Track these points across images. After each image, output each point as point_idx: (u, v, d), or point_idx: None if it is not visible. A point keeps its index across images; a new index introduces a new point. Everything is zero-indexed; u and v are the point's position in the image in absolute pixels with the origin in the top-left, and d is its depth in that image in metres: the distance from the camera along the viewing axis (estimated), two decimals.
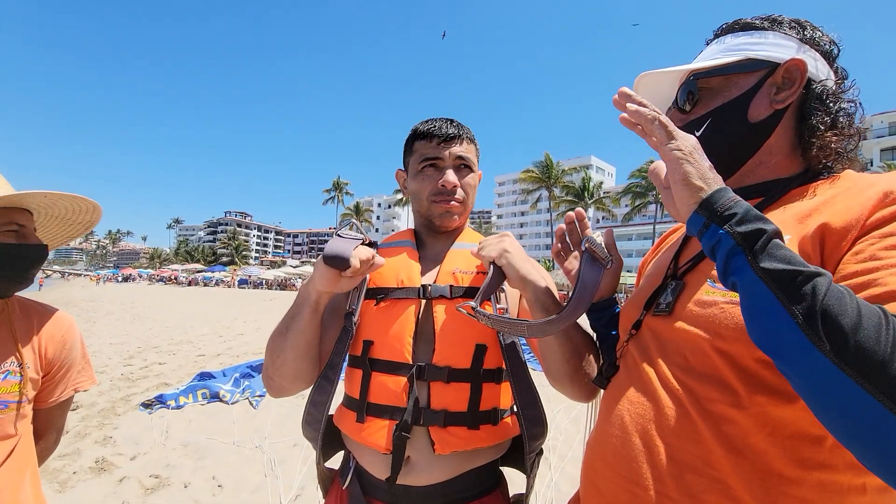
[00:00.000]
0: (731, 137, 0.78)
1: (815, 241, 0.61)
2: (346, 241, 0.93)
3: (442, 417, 0.94)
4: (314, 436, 1.04)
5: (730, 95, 0.78)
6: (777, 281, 0.50)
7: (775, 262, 0.50)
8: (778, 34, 0.77)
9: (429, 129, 1.08)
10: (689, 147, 0.63)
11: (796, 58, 0.74)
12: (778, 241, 0.53)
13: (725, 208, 0.57)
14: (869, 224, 0.59)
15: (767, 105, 0.75)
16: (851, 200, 0.62)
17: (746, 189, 0.78)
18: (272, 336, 1.00)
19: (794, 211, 0.69)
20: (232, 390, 4.93)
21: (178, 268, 59.48)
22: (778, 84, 0.75)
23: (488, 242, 0.98)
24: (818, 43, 0.76)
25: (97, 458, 3.32)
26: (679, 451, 0.66)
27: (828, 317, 0.46)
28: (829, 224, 0.61)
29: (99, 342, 8.50)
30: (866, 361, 0.44)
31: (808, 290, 0.48)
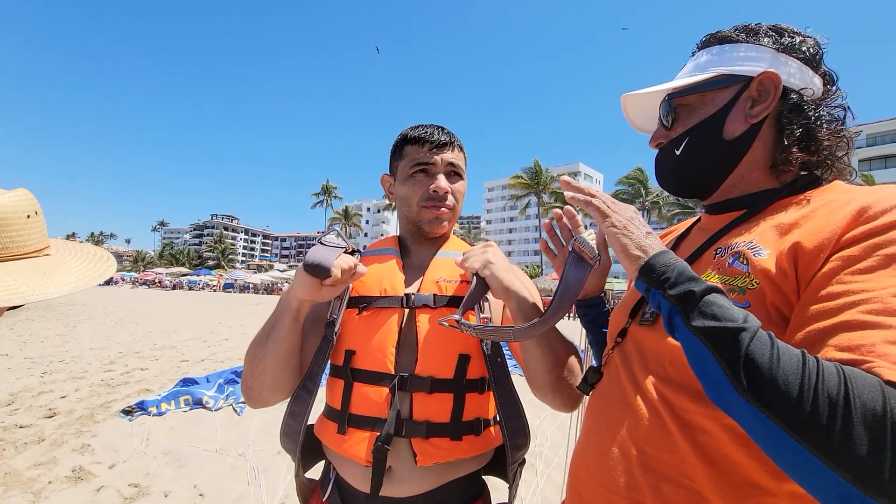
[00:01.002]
0: (708, 155, 0.78)
1: (790, 258, 0.62)
2: (329, 249, 0.93)
3: (424, 429, 0.94)
4: (292, 448, 1.02)
5: (705, 113, 0.78)
6: (707, 336, 0.54)
7: (705, 319, 0.55)
8: (752, 45, 0.76)
9: (420, 134, 1.08)
10: (624, 220, 0.70)
11: (768, 70, 0.73)
12: (709, 297, 0.57)
13: (660, 274, 0.62)
14: (842, 243, 0.59)
15: (743, 120, 0.75)
16: (827, 218, 0.62)
17: (731, 201, 0.79)
18: (252, 345, 0.99)
19: (776, 223, 0.69)
20: (215, 396, 4.85)
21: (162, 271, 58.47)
22: (753, 97, 0.75)
23: (472, 253, 0.99)
24: (797, 49, 0.74)
25: (74, 467, 3.23)
26: (656, 460, 0.67)
27: (749, 365, 0.50)
28: (802, 244, 0.61)
29: (79, 347, 8.31)
30: (781, 403, 0.48)
31: (732, 342, 0.52)
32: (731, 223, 0.76)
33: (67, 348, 8.16)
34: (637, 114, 0.92)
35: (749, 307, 0.62)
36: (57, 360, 7.07)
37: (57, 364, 6.75)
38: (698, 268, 0.74)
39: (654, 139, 0.87)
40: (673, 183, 0.85)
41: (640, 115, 0.92)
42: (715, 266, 0.71)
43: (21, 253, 0.93)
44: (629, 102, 0.90)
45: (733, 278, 0.66)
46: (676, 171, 0.83)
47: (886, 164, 41.75)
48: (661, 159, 0.86)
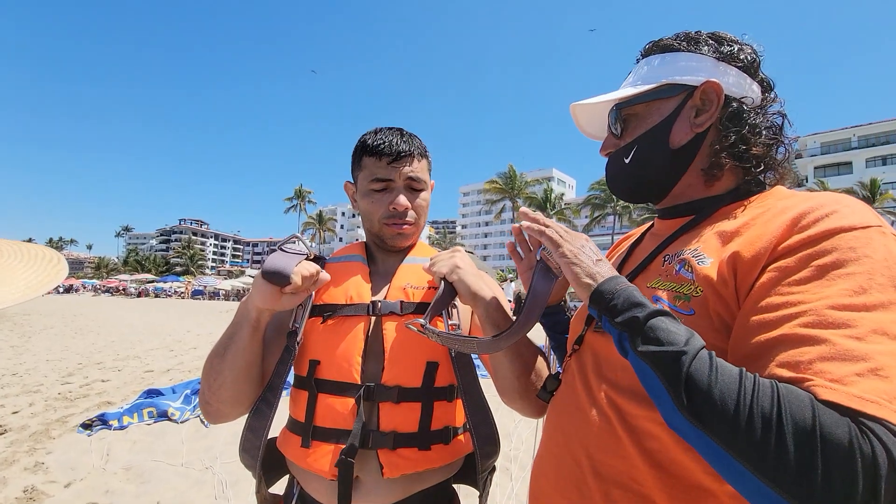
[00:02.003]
0: (655, 164, 0.80)
1: (730, 268, 0.63)
2: (288, 255, 0.90)
3: (391, 439, 0.92)
4: (252, 463, 0.99)
5: (651, 122, 0.79)
6: (652, 360, 0.57)
7: (650, 344, 0.57)
8: (694, 54, 0.77)
9: (378, 144, 1.03)
10: (576, 249, 0.72)
11: (711, 80, 0.74)
12: (653, 322, 0.59)
13: (608, 301, 0.64)
14: (777, 252, 0.60)
15: (688, 129, 0.76)
16: (764, 227, 0.64)
17: (679, 207, 0.81)
18: (209, 357, 0.95)
19: (720, 231, 0.70)
20: (182, 408, 4.67)
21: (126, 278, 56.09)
22: (697, 106, 0.76)
23: (440, 258, 0.98)
24: (736, 57, 0.76)
25: (25, 488, 3.04)
26: (606, 466, 0.69)
27: (689, 386, 0.52)
28: (740, 253, 0.63)
29: (34, 359, 7.87)
30: (719, 422, 0.49)
31: (674, 365, 0.54)
32: (678, 230, 0.78)
33: (21, 360, 7.71)
34: (587, 121, 0.93)
35: (694, 314, 0.64)
36: (9, 373, 6.67)
37: (9, 377, 6.36)
38: (648, 275, 0.75)
39: (604, 147, 0.88)
40: (623, 190, 0.87)
41: (590, 122, 0.93)
42: (663, 273, 0.72)
43: None
44: (578, 111, 0.90)
45: (679, 285, 0.68)
46: (626, 178, 0.84)
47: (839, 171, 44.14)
48: (611, 167, 0.87)
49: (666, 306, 0.67)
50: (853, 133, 44.47)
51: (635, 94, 0.79)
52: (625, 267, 0.86)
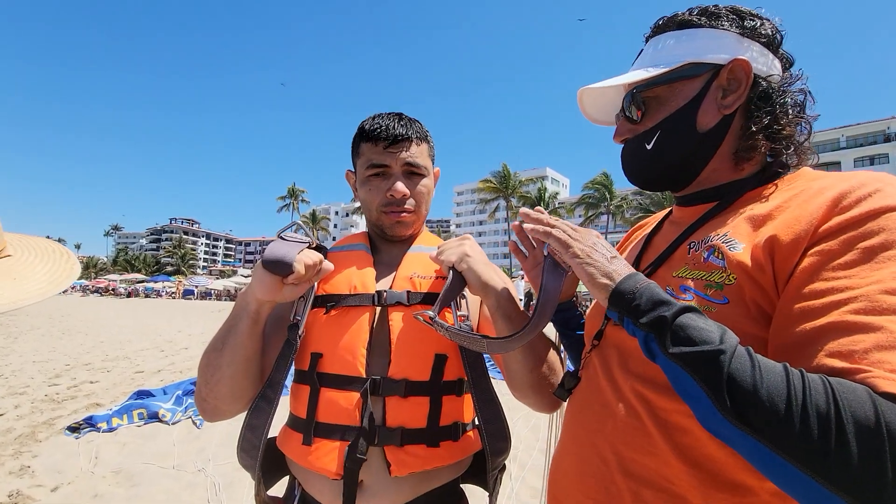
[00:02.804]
0: (682, 149, 0.75)
1: (766, 253, 0.60)
2: (290, 244, 0.84)
3: (398, 436, 0.87)
4: (251, 464, 0.93)
5: (675, 105, 0.74)
6: (686, 362, 0.52)
7: (682, 345, 0.53)
8: (715, 31, 0.72)
9: (375, 129, 0.98)
10: (587, 248, 0.68)
11: (739, 58, 0.69)
12: (682, 319, 0.54)
13: (629, 301, 0.60)
14: (818, 235, 0.57)
15: (715, 111, 0.72)
16: (802, 210, 0.60)
17: (702, 193, 0.77)
18: (206, 352, 0.89)
19: (749, 216, 0.67)
20: (173, 409, 4.58)
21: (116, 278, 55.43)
22: (724, 86, 0.71)
23: (448, 246, 0.93)
24: (759, 33, 0.72)
25: (10, 492, 2.95)
26: (636, 464, 0.65)
27: (732, 388, 0.48)
28: (778, 237, 0.59)
29: (20, 360, 7.70)
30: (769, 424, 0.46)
31: (712, 366, 0.50)
32: (703, 216, 0.74)
33: (7, 361, 7.54)
34: (594, 107, 0.88)
35: (727, 303, 0.61)
36: None
37: None
38: (673, 264, 0.72)
39: (618, 133, 0.83)
40: (644, 178, 0.82)
41: (596, 107, 0.88)
42: (690, 261, 0.69)
43: None
44: (585, 96, 0.85)
45: (709, 273, 0.64)
46: (648, 165, 0.79)
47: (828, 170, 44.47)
48: (629, 154, 0.82)
49: (696, 296, 0.64)
50: (841, 133, 45.07)
51: (657, 76, 0.74)
52: (644, 257, 0.82)
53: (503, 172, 50.49)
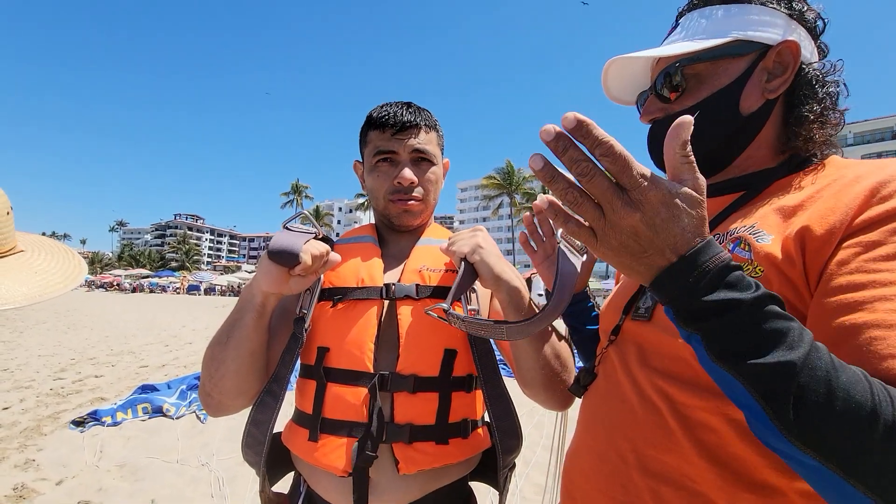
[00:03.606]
0: (723, 132, 0.71)
1: (797, 244, 0.57)
2: (296, 234, 0.81)
3: (407, 432, 0.85)
4: (256, 460, 0.91)
5: (718, 84, 0.70)
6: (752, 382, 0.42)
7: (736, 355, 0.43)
8: (765, 8, 0.68)
9: (382, 116, 0.97)
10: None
11: (789, 39, 0.66)
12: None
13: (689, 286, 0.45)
14: (855, 226, 0.54)
15: (759, 95, 0.68)
16: (836, 200, 0.57)
17: (728, 183, 0.74)
18: (210, 346, 0.87)
19: (779, 206, 0.63)
20: (177, 403, 4.59)
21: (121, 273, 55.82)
22: (769, 69, 0.68)
23: (460, 237, 0.90)
24: (805, 18, 0.69)
25: (15, 485, 2.96)
26: (656, 462, 0.63)
27: (799, 402, 0.41)
28: (811, 228, 0.56)
29: (26, 354, 7.75)
30: (841, 452, 0.40)
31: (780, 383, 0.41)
32: (729, 207, 0.71)
33: (13, 356, 7.59)
34: (619, 85, 0.83)
35: None
36: (0, 368, 6.56)
37: (0, 373, 6.26)
38: None
39: (647, 112, 0.77)
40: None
41: (620, 85, 0.83)
42: None
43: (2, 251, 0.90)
44: (612, 70, 0.79)
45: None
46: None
47: None
48: (658, 135, 0.75)
49: None
50: (849, 130, 44.66)
51: (705, 49, 0.68)
52: None
53: (507, 169, 50.41)
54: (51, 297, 0.90)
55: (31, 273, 0.91)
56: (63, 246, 1.06)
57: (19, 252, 0.95)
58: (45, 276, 0.92)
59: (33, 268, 0.93)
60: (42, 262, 0.96)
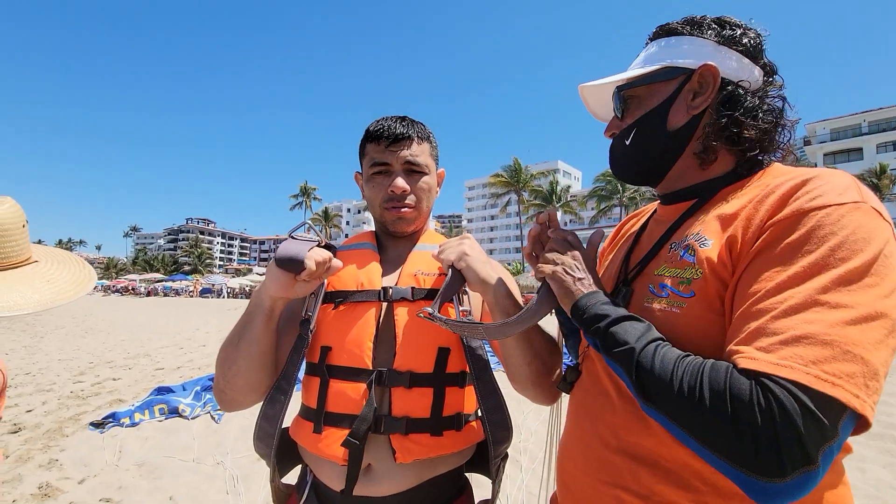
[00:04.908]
0: (653, 146, 0.80)
1: (727, 251, 0.65)
2: (301, 242, 0.89)
3: (403, 425, 0.91)
4: (267, 452, 0.98)
5: (651, 104, 0.80)
6: (614, 359, 0.65)
7: (609, 348, 0.66)
8: (695, 38, 0.77)
9: (377, 129, 1.04)
10: (562, 268, 0.78)
11: (707, 63, 0.74)
12: (614, 328, 0.66)
13: (581, 316, 0.71)
14: (765, 229, 0.61)
15: (685, 111, 0.77)
16: (757, 208, 0.65)
17: (680, 192, 0.81)
18: (223, 346, 0.94)
19: (719, 213, 0.71)
20: (192, 404, 4.70)
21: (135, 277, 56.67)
22: (695, 89, 0.76)
23: (448, 245, 0.96)
24: (738, 41, 0.76)
25: (41, 484, 3.08)
26: (635, 446, 0.70)
27: (639, 374, 0.61)
28: (738, 237, 0.64)
29: (46, 358, 7.97)
30: (664, 401, 0.58)
31: (627, 360, 0.62)
32: (682, 216, 0.78)
33: (34, 360, 7.81)
34: (597, 104, 0.93)
35: (693, 296, 0.66)
36: (23, 372, 6.76)
37: (23, 377, 6.45)
38: (657, 262, 0.77)
39: (608, 129, 0.89)
40: (624, 172, 0.88)
41: (599, 104, 0.93)
42: (669, 260, 0.74)
43: (18, 262, 0.99)
44: (588, 93, 0.91)
45: (683, 270, 0.69)
46: (626, 160, 0.85)
47: (850, 157, 43.42)
48: (613, 149, 0.88)
49: (671, 292, 0.70)
50: (863, 118, 43.68)
51: (636, 77, 0.80)
52: (633, 255, 0.87)
53: (514, 166, 50.18)
54: (62, 303, 0.98)
55: (45, 281, 1.00)
56: (74, 256, 1.14)
57: (34, 262, 1.03)
58: (57, 284, 1.01)
59: (46, 277, 1.01)
60: (54, 272, 1.04)
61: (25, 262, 1.02)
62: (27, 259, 1.03)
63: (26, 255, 1.02)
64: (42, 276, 1.02)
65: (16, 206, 0.99)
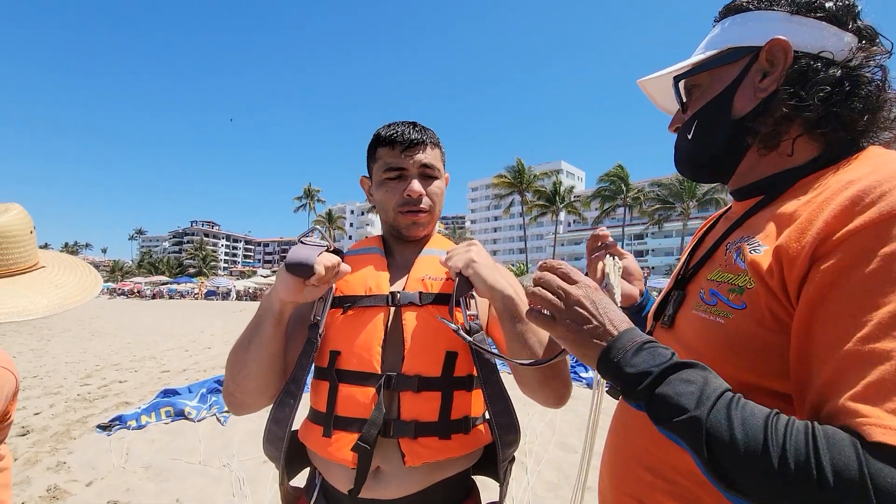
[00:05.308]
0: (717, 138, 0.73)
1: (777, 258, 0.56)
2: (310, 247, 0.89)
3: (412, 428, 0.91)
4: (276, 455, 0.98)
5: (713, 92, 0.73)
6: (670, 431, 0.52)
7: (662, 420, 0.53)
8: (763, 12, 0.68)
9: (391, 134, 1.04)
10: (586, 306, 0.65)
11: (777, 37, 0.65)
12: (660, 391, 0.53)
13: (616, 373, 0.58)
14: (829, 244, 0.51)
15: (752, 95, 0.68)
16: (820, 210, 0.54)
17: (753, 185, 0.72)
18: (233, 350, 0.95)
19: (780, 212, 0.61)
20: (198, 407, 4.73)
21: (141, 280, 57.02)
22: (764, 69, 0.67)
23: (456, 252, 0.97)
24: (818, 7, 0.65)
25: (49, 486, 3.10)
26: (660, 461, 0.68)
27: (711, 448, 0.48)
28: (787, 243, 0.55)
29: (53, 361, 8.03)
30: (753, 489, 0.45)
31: (692, 433, 0.49)
32: (746, 212, 0.70)
33: (41, 363, 7.87)
34: (660, 95, 0.87)
35: (745, 309, 0.59)
36: (30, 375, 6.81)
37: (30, 380, 6.50)
38: (712, 265, 0.69)
39: (671, 123, 0.83)
40: (688, 169, 0.81)
41: (662, 95, 0.87)
42: (723, 263, 0.66)
43: (26, 267, 1.01)
44: (649, 86, 0.85)
45: (735, 276, 0.62)
46: (689, 155, 0.79)
47: None
48: (677, 144, 0.81)
49: (720, 301, 0.63)
50: None
51: (695, 63, 0.73)
52: (694, 256, 0.80)
53: (517, 167, 50.11)
54: (69, 308, 0.99)
55: (52, 287, 1.01)
56: (81, 261, 1.16)
57: (41, 268, 1.05)
58: (64, 289, 1.02)
59: (53, 282, 1.03)
60: (61, 277, 1.05)
61: (33, 268, 1.04)
62: (35, 265, 1.04)
63: (34, 261, 1.03)
64: (50, 281, 1.03)
65: (23, 212, 1.00)
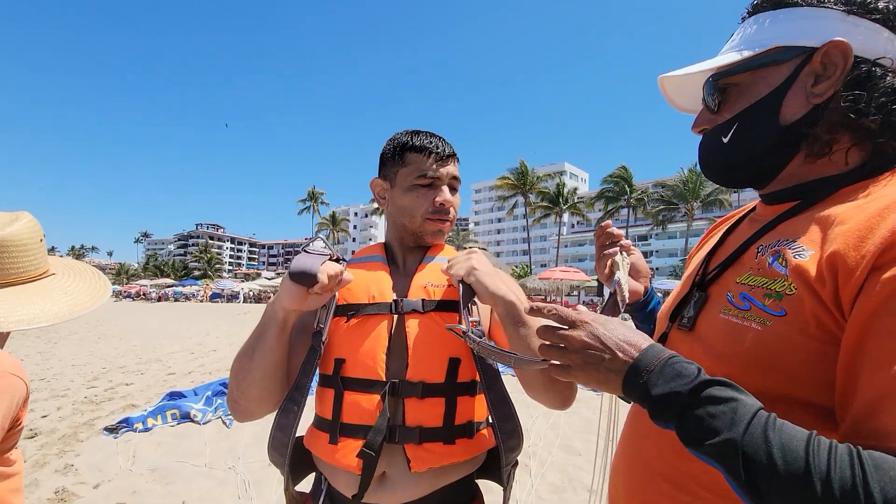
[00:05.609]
0: (761, 144, 0.68)
1: (830, 266, 0.53)
2: (313, 256, 0.91)
3: (417, 434, 0.93)
4: (281, 461, 1.00)
5: (758, 94, 0.67)
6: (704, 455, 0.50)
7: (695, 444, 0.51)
8: (814, 9, 0.63)
9: (425, 144, 1.06)
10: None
11: (837, 39, 0.60)
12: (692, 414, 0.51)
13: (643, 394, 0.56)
14: (890, 256, 0.49)
15: (803, 101, 0.64)
16: (879, 220, 0.52)
17: (788, 190, 0.69)
18: (237, 357, 0.97)
19: (826, 217, 0.59)
20: (204, 409, 4.76)
21: (146, 283, 57.40)
22: (817, 72, 0.62)
23: (457, 260, 0.99)
24: (873, 7, 0.61)
25: (57, 489, 3.13)
26: (674, 469, 0.67)
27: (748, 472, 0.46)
28: (844, 251, 0.52)
29: (60, 364, 8.09)
30: None
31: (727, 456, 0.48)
32: (779, 216, 0.67)
33: (49, 366, 7.93)
34: (678, 93, 0.83)
35: (784, 315, 0.57)
36: (38, 378, 6.87)
37: (38, 382, 6.55)
38: (739, 268, 0.67)
39: (697, 124, 0.77)
40: (719, 173, 0.76)
41: (682, 94, 0.82)
42: (754, 267, 0.64)
43: (36, 275, 1.02)
44: (667, 84, 0.81)
45: (771, 281, 0.60)
46: (723, 160, 0.73)
47: None
48: (705, 146, 0.76)
49: (753, 306, 0.60)
50: None
51: (738, 62, 0.67)
52: (715, 257, 0.77)
53: (521, 168, 50.14)
54: (79, 314, 1.01)
55: (62, 294, 1.02)
56: (90, 267, 1.17)
57: (51, 275, 1.06)
58: (74, 296, 1.03)
59: (63, 289, 1.04)
60: (71, 284, 1.07)
61: (43, 276, 1.05)
62: (45, 272, 1.06)
63: (44, 269, 1.05)
64: (60, 288, 1.05)
65: (33, 221, 1.02)
